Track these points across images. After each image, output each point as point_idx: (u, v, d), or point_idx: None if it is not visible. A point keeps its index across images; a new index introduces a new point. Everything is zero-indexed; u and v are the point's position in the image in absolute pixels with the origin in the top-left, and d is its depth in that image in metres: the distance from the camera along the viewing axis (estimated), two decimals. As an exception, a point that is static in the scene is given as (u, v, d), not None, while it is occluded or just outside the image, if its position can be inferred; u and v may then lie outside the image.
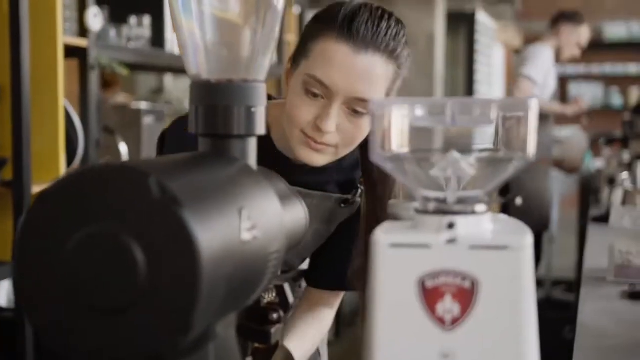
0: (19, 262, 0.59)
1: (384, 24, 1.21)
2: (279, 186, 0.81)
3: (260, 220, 0.68)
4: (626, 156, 4.03)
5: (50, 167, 2.33)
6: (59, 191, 0.59)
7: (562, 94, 9.83)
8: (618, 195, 2.91)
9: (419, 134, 0.69)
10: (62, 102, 2.37)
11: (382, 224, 0.70)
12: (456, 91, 6.70)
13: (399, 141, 0.68)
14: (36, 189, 2.28)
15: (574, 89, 9.74)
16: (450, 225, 0.65)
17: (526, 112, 0.65)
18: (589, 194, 4.39)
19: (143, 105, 3.16)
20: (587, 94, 9.66)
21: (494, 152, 0.68)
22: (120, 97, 4.39)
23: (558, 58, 4.31)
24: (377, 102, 0.67)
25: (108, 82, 4.33)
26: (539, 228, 4.22)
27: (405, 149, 0.68)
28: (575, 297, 2.04)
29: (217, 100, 0.75)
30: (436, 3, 5.29)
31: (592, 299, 1.72)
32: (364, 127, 1.24)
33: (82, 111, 2.52)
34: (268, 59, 0.78)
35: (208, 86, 0.75)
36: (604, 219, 2.71)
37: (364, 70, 1.19)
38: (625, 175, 3.02)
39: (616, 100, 9.56)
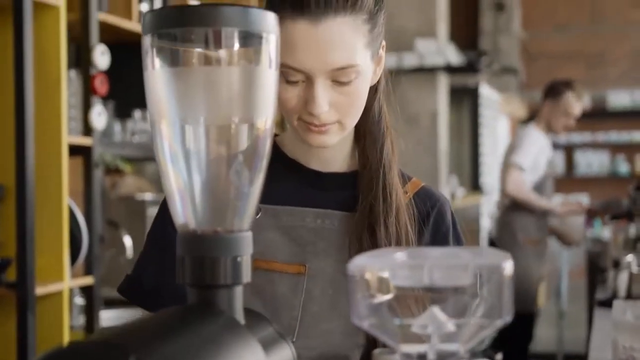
0: None
1: None
2: (265, 332, 0.82)
3: (244, 380, 0.69)
4: (632, 230, 4.01)
5: (54, 268, 2.34)
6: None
7: (569, 162, 9.87)
8: (623, 278, 2.89)
9: (399, 290, 0.70)
10: (66, 201, 2.40)
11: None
12: (461, 165, 6.74)
13: (378, 298, 0.69)
14: (40, 290, 2.29)
15: (580, 157, 9.78)
16: (431, 386, 0.66)
17: (501, 273, 0.66)
18: (596, 271, 4.37)
19: (148, 196, 3.18)
20: (594, 162, 9.70)
21: (475, 308, 0.69)
22: (129, 180, 4.43)
23: (553, 131, 4.34)
24: (355, 264, 0.68)
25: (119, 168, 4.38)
26: (526, 308, 4.16)
27: (384, 306, 0.69)
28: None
29: (204, 252, 0.76)
30: (439, 81, 5.36)
31: (596, 400, 1.70)
32: (357, 92, 1.16)
33: (86, 209, 2.55)
34: (254, 204, 0.79)
35: (195, 237, 0.77)
36: (609, 303, 2.69)
37: (329, 39, 1.11)
38: (630, 257, 3.00)
39: (623, 168, 9.58)
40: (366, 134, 1.26)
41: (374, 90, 1.25)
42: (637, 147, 9.55)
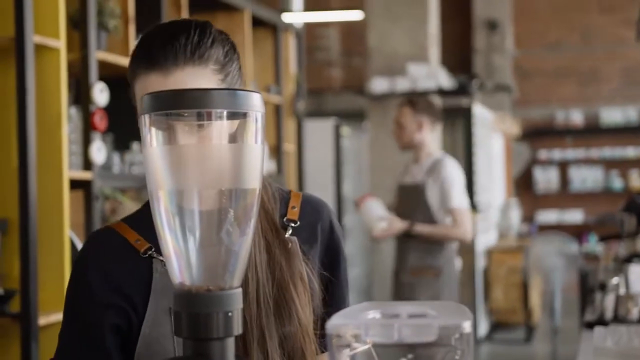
0: None
1: (181, 38, 1.19)
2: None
3: None
4: (622, 251, 4.07)
5: (57, 298, 2.42)
6: None
7: (564, 178, 9.97)
8: (610, 300, 2.96)
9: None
10: (68, 234, 2.48)
11: None
12: (456, 184, 6.79)
13: (353, 352, 0.77)
14: (42, 320, 2.37)
15: (574, 173, 9.87)
16: None
17: (461, 331, 0.74)
18: (586, 291, 4.44)
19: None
20: (588, 178, 9.80)
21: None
22: (128, 206, 4.50)
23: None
24: (333, 324, 0.76)
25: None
26: None
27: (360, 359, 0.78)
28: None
29: (198, 309, 0.84)
30: (431, 103, 5.43)
31: None
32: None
33: (86, 240, 2.63)
34: (244, 263, 0.88)
35: (190, 295, 0.85)
36: (596, 325, 2.75)
37: (182, 86, 1.17)
38: (615, 280, 3.06)
39: (616, 183, 9.68)
40: None
41: None
42: (630, 163, 9.66)
